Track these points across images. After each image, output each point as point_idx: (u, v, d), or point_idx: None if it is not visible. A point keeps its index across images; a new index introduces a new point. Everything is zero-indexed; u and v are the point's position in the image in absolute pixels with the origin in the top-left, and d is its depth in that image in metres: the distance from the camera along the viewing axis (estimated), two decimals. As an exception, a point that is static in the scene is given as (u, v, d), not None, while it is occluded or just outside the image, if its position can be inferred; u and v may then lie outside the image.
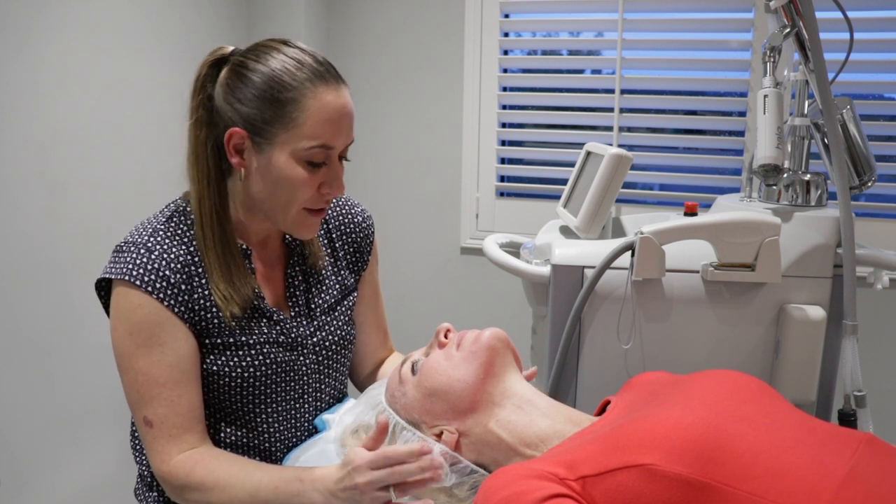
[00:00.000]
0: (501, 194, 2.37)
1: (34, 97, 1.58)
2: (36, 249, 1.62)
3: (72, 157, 1.69)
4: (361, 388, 1.34)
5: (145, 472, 1.17)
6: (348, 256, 1.27)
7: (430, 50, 2.34)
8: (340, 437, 1.09)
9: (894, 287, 1.82)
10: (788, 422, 0.84)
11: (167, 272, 1.04)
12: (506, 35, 2.29)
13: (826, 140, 1.24)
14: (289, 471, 1.01)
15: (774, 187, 1.30)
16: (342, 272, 1.25)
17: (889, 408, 1.78)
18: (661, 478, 0.76)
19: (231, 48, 1.08)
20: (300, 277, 1.19)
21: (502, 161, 2.36)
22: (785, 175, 1.28)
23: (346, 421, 1.10)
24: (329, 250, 1.25)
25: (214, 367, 1.09)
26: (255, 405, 1.12)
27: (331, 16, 2.42)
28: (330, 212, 1.27)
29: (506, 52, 2.32)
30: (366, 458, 0.93)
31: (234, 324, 1.09)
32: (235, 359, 1.09)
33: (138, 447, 1.18)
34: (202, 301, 1.07)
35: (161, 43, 1.93)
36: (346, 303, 1.25)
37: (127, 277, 1.03)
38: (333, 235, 1.26)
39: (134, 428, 1.19)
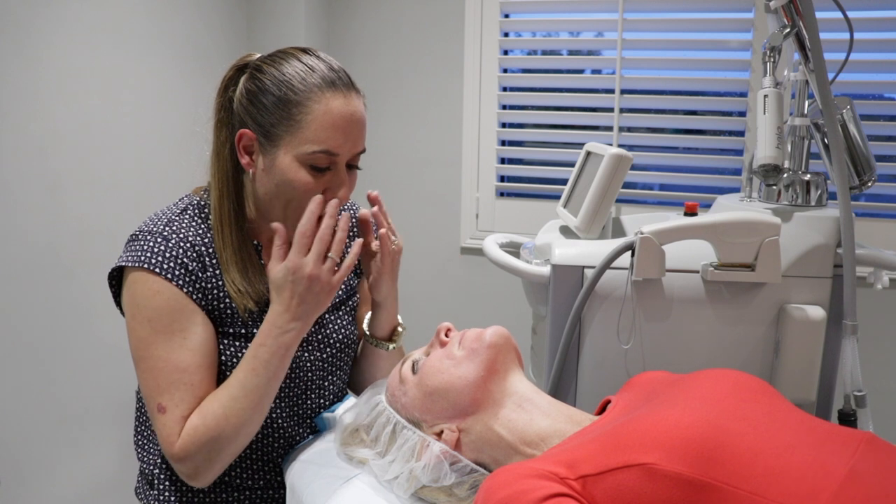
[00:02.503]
0: (501, 194, 2.37)
1: (34, 97, 1.59)
2: (36, 249, 1.62)
3: (71, 157, 1.69)
4: (362, 389, 1.34)
5: (147, 470, 1.17)
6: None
7: (430, 50, 2.34)
8: (340, 436, 1.09)
9: (894, 287, 1.82)
10: (789, 421, 0.84)
11: (185, 259, 1.06)
12: (506, 35, 2.29)
13: (826, 140, 1.24)
14: (249, 349, 1.04)
15: (774, 187, 1.30)
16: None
17: (889, 408, 1.78)
18: (661, 477, 0.76)
19: (258, 55, 1.11)
20: None
21: (502, 161, 2.36)
22: (785, 175, 1.28)
23: (346, 420, 1.10)
24: None
25: (223, 357, 1.10)
26: None
27: (331, 16, 2.42)
28: None
29: (506, 52, 2.32)
30: (289, 257, 1.00)
31: (246, 315, 1.10)
32: (244, 349, 1.10)
33: (141, 443, 1.18)
34: (216, 290, 1.08)
35: (161, 43, 1.93)
36: (350, 303, 1.26)
37: (145, 265, 1.04)
38: None
39: (138, 423, 1.19)
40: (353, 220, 1.30)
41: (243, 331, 1.10)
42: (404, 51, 2.37)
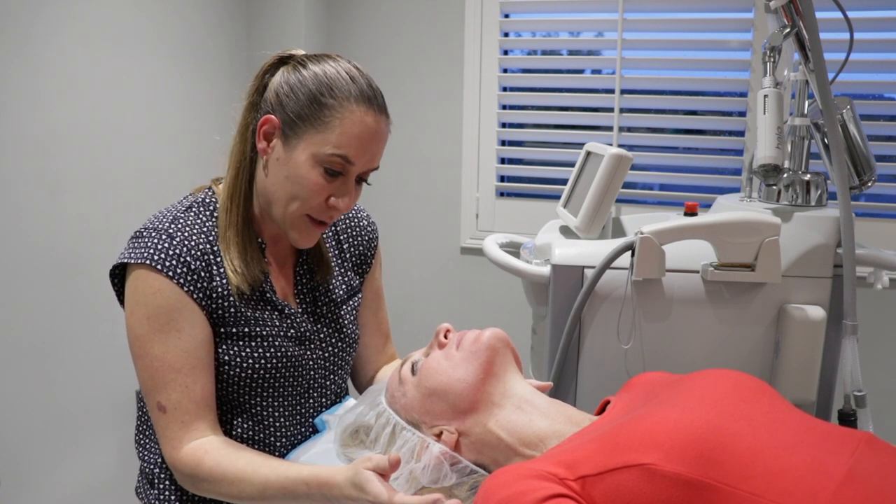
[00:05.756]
0: (501, 194, 2.37)
1: (34, 97, 1.59)
2: (36, 249, 1.62)
3: (71, 157, 1.69)
4: (362, 391, 1.35)
5: (147, 469, 1.17)
6: (354, 259, 1.29)
7: (430, 50, 2.34)
8: (340, 437, 1.09)
9: (894, 287, 1.82)
10: (788, 421, 0.84)
11: (188, 258, 1.06)
12: (506, 35, 2.29)
13: (826, 140, 1.24)
14: (293, 471, 1.01)
15: (774, 187, 1.30)
16: (348, 273, 1.27)
17: (889, 408, 1.78)
18: (660, 477, 0.76)
19: (303, 52, 1.11)
20: (308, 276, 1.21)
21: (502, 161, 2.36)
22: (785, 175, 1.28)
23: (346, 421, 1.10)
24: (336, 251, 1.27)
25: (226, 357, 1.10)
26: (262, 398, 1.14)
27: (331, 16, 2.42)
28: None
29: (506, 52, 2.32)
30: (380, 499, 0.90)
31: (252, 313, 1.10)
32: (247, 349, 1.10)
33: (143, 442, 1.18)
34: (220, 289, 1.08)
35: (161, 43, 1.93)
36: (351, 303, 1.26)
37: (148, 262, 1.04)
38: (341, 237, 1.28)
39: (140, 422, 1.19)
40: (360, 225, 1.31)
41: (246, 329, 1.10)
42: (404, 51, 2.37)
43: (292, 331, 1.15)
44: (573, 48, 2.34)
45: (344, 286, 1.26)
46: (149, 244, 1.05)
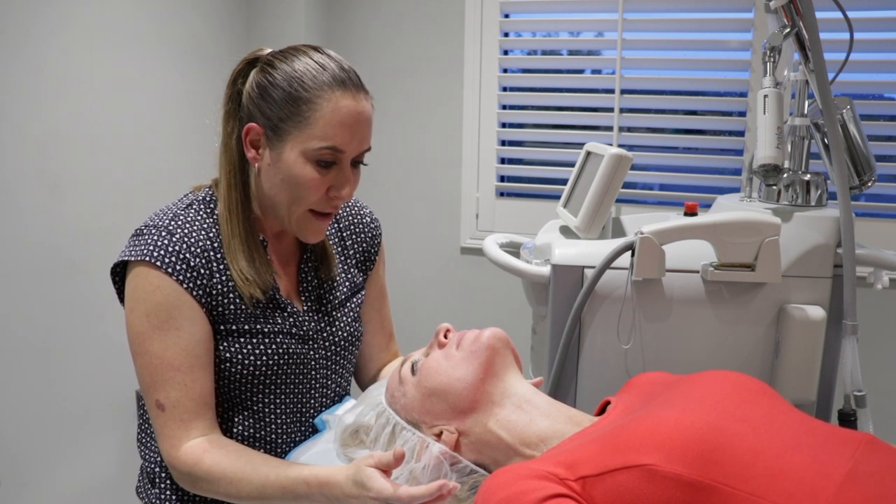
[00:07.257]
0: (501, 194, 2.37)
1: (34, 97, 1.59)
2: (36, 249, 1.62)
3: (72, 157, 1.69)
4: (365, 389, 1.35)
5: (148, 468, 1.18)
6: (357, 255, 1.29)
7: (430, 50, 2.34)
8: (340, 437, 1.09)
9: (894, 287, 1.82)
10: (788, 422, 0.84)
11: (188, 255, 1.06)
12: (506, 35, 2.29)
13: (826, 140, 1.24)
14: (293, 470, 1.02)
15: (774, 187, 1.30)
16: (352, 270, 1.27)
17: (889, 408, 1.78)
18: (660, 478, 0.76)
19: (269, 50, 1.11)
20: (312, 273, 1.21)
21: (502, 161, 2.36)
22: (785, 175, 1.28)
23: (346, 421, 1.10)
24: (339, 248, 1.27)
25: (228, 354, 1.10)
26: (264, 395, 1.14)
27: (331, 16, 2.42)
28: (341, 212, 1.29)
29: (506, 52, 2.32)
30: (384, 494, 0.91)
31: (253, 310, 1.10)
32: (249, 346, 1.10)
33: (144, 441, 1.19)
34: (220, 286, 1.08)
35: (161, 43, 1.93)
36: (355, 300, 1.26)
37: (148, 258, 1.04)
38: (344, 234, 1.28)
39: (142, 420, 1.19)
40: (363, 222, 1.31)
41: (246, 327, 1.10)
42: (404, 51, 2.37)
43: (295, 328, 1.15)
44: (573, 48, 2.34)
45: (347, 283, 1.26)
46: (149, 241, 1.05)
